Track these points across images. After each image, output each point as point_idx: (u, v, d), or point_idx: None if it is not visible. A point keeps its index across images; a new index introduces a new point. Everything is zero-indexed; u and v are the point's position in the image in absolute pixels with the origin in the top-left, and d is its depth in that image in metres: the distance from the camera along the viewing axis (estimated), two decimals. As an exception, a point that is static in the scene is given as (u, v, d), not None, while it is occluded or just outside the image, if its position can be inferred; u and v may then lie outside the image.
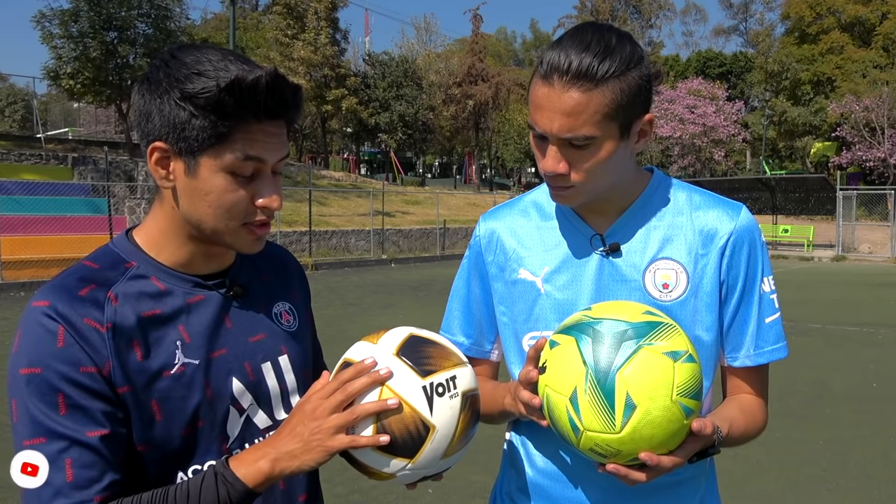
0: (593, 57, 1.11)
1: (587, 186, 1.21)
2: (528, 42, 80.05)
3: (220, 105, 1.00)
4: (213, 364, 1.10)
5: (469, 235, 27.72)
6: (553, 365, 1.11)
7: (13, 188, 16.42)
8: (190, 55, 1.04)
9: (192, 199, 1.06)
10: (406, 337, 1.13)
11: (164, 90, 1.02)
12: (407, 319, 10.21)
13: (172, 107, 1.02)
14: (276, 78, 1.02)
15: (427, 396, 1.05)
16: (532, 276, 1.34)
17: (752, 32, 62.34)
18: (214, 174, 1.04)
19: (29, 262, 14.51)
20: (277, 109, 1.04)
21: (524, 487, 1.38)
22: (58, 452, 0.96)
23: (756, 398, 1.35)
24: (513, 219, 1.40)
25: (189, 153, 1.03)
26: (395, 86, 38.26)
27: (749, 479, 4.46)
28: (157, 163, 1.06)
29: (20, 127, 35.94)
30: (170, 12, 24.93)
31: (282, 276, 1.30)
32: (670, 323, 1.11)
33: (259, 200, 1.08)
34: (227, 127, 1.02)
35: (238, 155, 1.03)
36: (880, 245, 26.20)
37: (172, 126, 1.02)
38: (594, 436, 1.06)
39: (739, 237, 1.28)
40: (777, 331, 1.31)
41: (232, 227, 1.08)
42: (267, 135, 1.05)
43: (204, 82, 1.01)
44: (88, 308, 1.02)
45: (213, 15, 52.94)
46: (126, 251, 1.12)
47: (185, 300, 1.11)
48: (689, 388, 1.06)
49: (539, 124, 1.17)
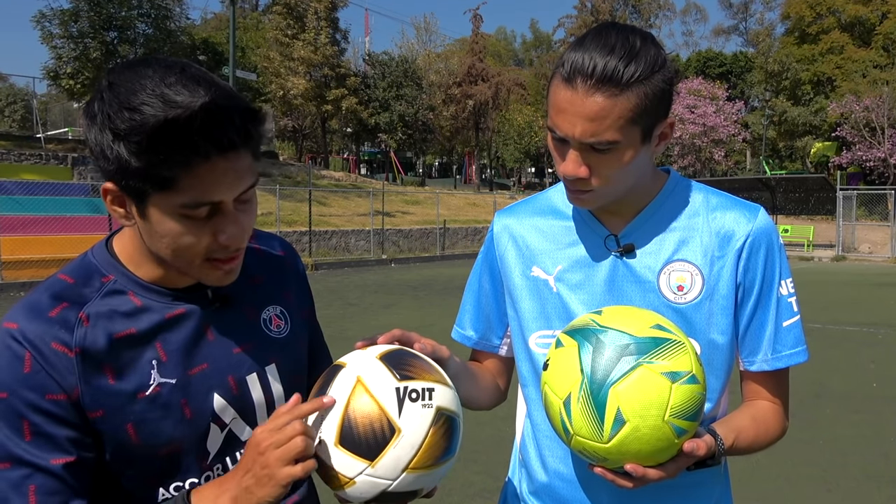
0: (618, 60, 1.08)
1: (607, 190, 1.20)
2: (528, 42, 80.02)
3: (154, 148, 0.89)
4: (192, 381, 1.06)
5: (469, 235, 27.35)
6: (554, 365, 1.12)
7: (13, 188, 16.41)
8: (126, 81, 0.93)
9: (151, 238, 1.01)
10: (394, 348, 1.13)
11: (100, 126, 0.93)
12: (407, 319, 10.21)
13: (110, 145, 0.92)
14: (216, 108, 0.91)
15: (398, 398, 1.03)
16: (545, 274, 1.33)
17: (752, 32, 62.39)
18: (165, 219, 0.96)
19: (29, 262, 14.51)
20: (227, 143, 0.93)
21: (535, 489, 1.37)
22: (21, 479, 0.94)
23: (773, 405, 1.32)
24: (528, 216, 1.40)
25: (135, 197, 0.95)
26: (395, 86, 38.27)
27: (749, 479, 4.45)
28: (112, 202, 0.99)
29: (20, 127, 35.95)
30: (170, 12, 24.97)
31: (276, 275, 1.25)
32: (678, 340, 1.09)
33: (220, 238, 1.00)
34: (171, 171, 0.91)
35: (186, 200, 0.94)
36: (880, 245, 26.20)
37: (114, 168, 0.93)
38: (582, 441, 1.07)
39: (756, 239, 1.26)
40: (796, 334, 1.28)
41: (196, 265, 1.02)
42: (219, 173, 0.94)
43: (132, 120, 0.89)
44: (57, 331, 0.98)
45: (213, 15, 53.06)
46: (104, 264, 1.07)
47: (164, 315, 1.06)
48: (684, 409, 1.05)
49: (560, 128, 1.14)
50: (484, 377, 1.45)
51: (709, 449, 1.13)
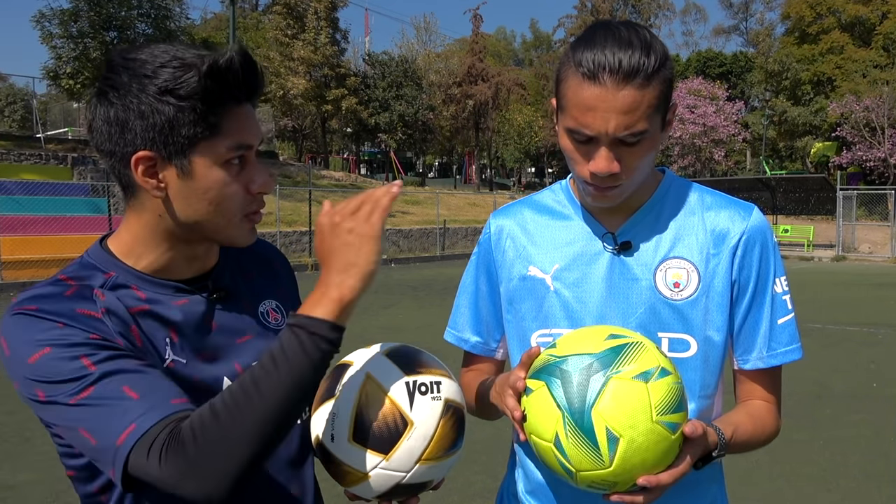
0: (641, 53, 1.11)
1: (630, 183, 1.22)
2: (528, 42, 79.98)
3: (205, 92, 0.97)
4: (202, 365, 1.09)
5: (469, 235, 27.33)
6: (531, 413, 1.10)
7: (13, 188, 16.41)
8: (143, 52, 0.99)
9: (188, 200, 1.02)
10: (398, 345, 1.17)
11: (136, 91, 0.97)
12: (407, 319, 10.18)
13: (152, 105, 0.96)
14: (247, 56, 1.00)
15: (409, 392, 1.07)
16: (542, 273, 1.33)
17: (752, 32, 62.36)
18: (210, 169, 1.01)
19: (29, 262, 14.50)
20: (254, 88, 1.03)
21: (532, 489, 1.37)
22: (113, 387, 0.92)
23: (767, 403, 1.33)
24: (523, 216, 1.41)
25: (179, 154, 0.99)
26: (394, 86, 38.27)
27: (749, 479, 4.45)
28: (144, 174, 1.00)
29: (20, 127, 35.93)
30: (170, 12, 24.94)
31: (268, 273, 1.28)
32: (635, 341, 1.09)
33: (253, 186, 1.06)
34: (217, 115, 0.99)
35: (230, 143, 1.01)
36: (880, 245, 26.20)
37: (156, 127, 0.97)
38: (587, 475, 1.05)
39: (751, 237, 1.28)
40: (790, 332, 1.30)
41: (235, 221, 1.06)
42: (248, 118, 1.04)
43: (179, 72, 0.96)
44: (79, 301, 0.99)
45: (213, 15, 53.01)
46: (103, 262, 1.07)
47: (171, 303, 1.08)
48: (667, 404, 1.04)
49: (592, 126, 1.13)
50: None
51: (708, 434, 1.13)
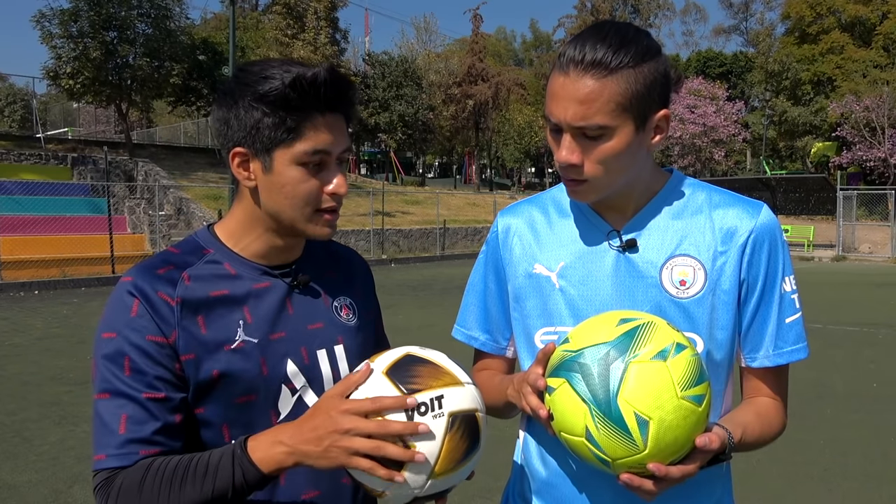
0: (608, 48, 1.14)
1: (601, 181, 1.21)
2: (527, 42, 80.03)
3: (287, 100, 1.14)
4: (271, 344, 1.21)
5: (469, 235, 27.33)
6: (557, 411, 1.10)
7: (13, 188, 16.43)
8: (256, 66, 1.19)
9: (270, 193, 1.20)
10: (400, 356, 1.12)
11: (237, 97, 1.17)
12: (407, 319, 10.14)
13: (247, 110, 1.16)
14: (332, 73, 1.16)
15: (407, 416, 1.04)
16: (547, 270, 1.33)
17: (752, 32, 62.35)
18: (287, 167, 1.17)
19: (29, 262, 14.51)
20: (336, 102, 1.18)
21: (537, 488, 1.37)
22: (117, 408, 1.11)
23: (774, 401, 1.33)
24: (530, 214, 1.41)
25: (265, 151, 1.17)
26: (394, 86, 38.25)
27: (749, 479, 4.45)
28: (238, 166, 1.20)
29: (20, 127, 35.97)
30: (170, 12, 24.95)
31: (346, 274, 1.41)
32: (646, 321, 1.10)
33: (328, 188, 1.20)
34: (295, 121, 1.15)
35: (307, 147, 1.16)
36: (880, 245, 26.20)
37: (248, 128, 1.17)
38: (624, 461, 1.06)
39: (760, 235, 1.27)
40: (797, 331, 1.30)
41: (307, 214, 1.21)
42: (329, 127, 1.18)
43: (271, 83, 1.14)
44: (163, 284, 1.17)
45: (213, 15, 52.92)
46: (205, 240, 1.27)
47: (252, 286, 1.24)
48: (689, 378, 1.05)
49: (554, 114, 1.18)
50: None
51: (721, 442, 1.13)
